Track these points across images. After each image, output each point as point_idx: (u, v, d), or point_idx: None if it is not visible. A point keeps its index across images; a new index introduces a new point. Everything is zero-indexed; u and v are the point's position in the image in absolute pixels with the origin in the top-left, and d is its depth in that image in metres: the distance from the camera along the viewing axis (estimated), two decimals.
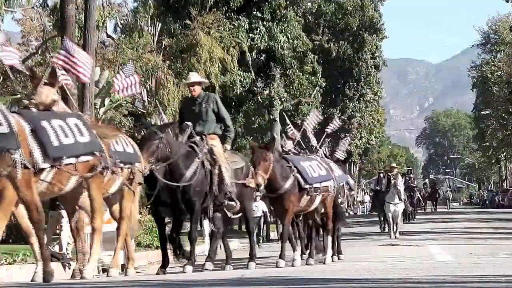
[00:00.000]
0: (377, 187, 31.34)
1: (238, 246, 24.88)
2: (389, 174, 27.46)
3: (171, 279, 11.07)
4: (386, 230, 29.72)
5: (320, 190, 14.48)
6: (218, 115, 13.39)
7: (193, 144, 12.74)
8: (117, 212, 12.12)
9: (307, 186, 14.10)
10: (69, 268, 14.48)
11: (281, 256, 13.64)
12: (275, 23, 36.88)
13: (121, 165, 11.26)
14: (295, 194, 13.96)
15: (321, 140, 20.78)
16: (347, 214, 20.48)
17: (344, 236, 17.90)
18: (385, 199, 26.63)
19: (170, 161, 12.23)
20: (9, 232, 21.02)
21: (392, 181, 26.27)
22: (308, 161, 14.82)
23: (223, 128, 13.54)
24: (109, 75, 31.62)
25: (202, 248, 21.80)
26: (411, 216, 38.30)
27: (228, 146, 13.52)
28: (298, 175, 14.03)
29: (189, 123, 12.93)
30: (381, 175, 31.42)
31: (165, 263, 12.98)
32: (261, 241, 27.24)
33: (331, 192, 14.89)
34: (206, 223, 20.97)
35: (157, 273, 12.70)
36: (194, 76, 13.66)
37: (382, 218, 30.68)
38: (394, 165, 31.04)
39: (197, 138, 12.85)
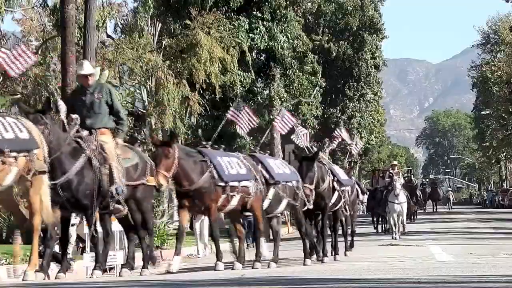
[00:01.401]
0: (371, 187, 31.13)
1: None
2: (391, 172, 26.92)
3: (171, 279, 11.07)
4: (380, 230, 29.67)
5: (238, 190, 13.32)
6: (111, 108, 12.20)
7: (79, 139, 11.53)
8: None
9: (222, 184, 13.07)
10: (69, 268, 14.46)
11: (218, 258, 12.94)
12: (275, 23, 36.87)
13: (13, 154, 10.33)
14: (212, 190, 12.97)
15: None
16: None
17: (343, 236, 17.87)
18: (387, 198, 25.94)
19: (52, 156, 11.10)
20: (9, 232, 21.03)
21: (393, 180, 25.63)
22: (228, 157, 13.71)
23: (116, 121, 12.30)
24: (109, 75, 31.63)
25: (193, 248, 21.76)
26: (413, 216, 38.21)
27: (120, 140, 12.25)
28: (214, 172, 13.00)
29: (76, 116, 11.75)
30: (379, 174, 31.26)
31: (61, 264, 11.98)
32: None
33: (252, 194, 13.60)
34: (197, 225, 20.95)
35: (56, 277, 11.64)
36: (87, 67, 12.40)
37: (376, 218, 30.51)
38: (395, 162, 30.62)
39: (85, 132, 11.68)
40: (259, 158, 14.51)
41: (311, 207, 15.14)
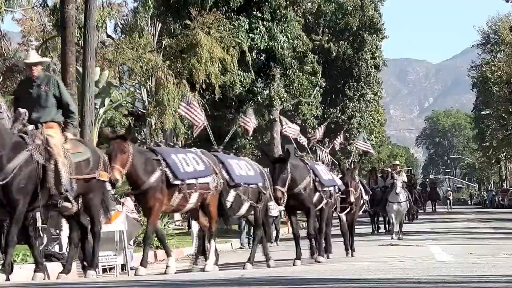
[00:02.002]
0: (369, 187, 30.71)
1: (238, 246, 24.88)
2: (392, 172, 26.39)
3: (171, 279, 11.06)
4: (382, 230, 29.54)
5: (197, 187, 12.82)
6: (60, 100, 11.56)
7: (23, 134, 10.91)
8: None
9: (177, 182, 12.54)
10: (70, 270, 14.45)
11: (142, 263, 12.34)
12: (275, 23, 36.87)
13: None
14: (162, 190, 12.40)
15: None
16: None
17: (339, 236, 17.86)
18: (387, 198, 25.41)
19: None
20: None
21: (394, 180, 25.11)
22: (184, 153, 13.11)
23: (65, 114, 11.64)
24: (109, 75, 31.64)
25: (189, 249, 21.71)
26: (414, 216, 38.11)
27: (70, 135, 11.58)
28: (167, 170, 12.45)
29: (24, 110, 11.13)
30: (376, 174, 31.01)
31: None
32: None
33: (212, 190, 13.11)
34: (194, 224, 20.60)
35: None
36: (33, 55, 11.86)
37: (373, 218, 30.25)
38: (397, 162, 29.96)
39: (30, 127, 11.02)
40: (221, 158, 13.96)
41: (282, 208, 15.22)
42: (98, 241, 11.95)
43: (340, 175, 18.15)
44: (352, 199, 17.31)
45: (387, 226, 28.69)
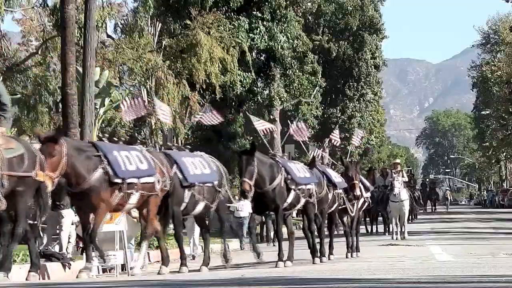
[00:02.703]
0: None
1: (238, 246, 24.81)
2: (393, 171, 25.69)
3: (171, 279, 11.06)
4: (381, 230, 29.40)
5: (138, 187, 12.24)
6: None
7: None
8: None
9: (117, 180, 11.96)
10: (69, 268, 14.47)
11: (86, 267, 12.05)
12: (275, 23, 36.86)
13: None
14: (105, 189, 11.82)
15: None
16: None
17: (343, 236, 17.82)
18: (388, 197, 25.10)
19: None
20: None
21: (392, 179, 24.73)
22: (127, 151, 12.47)
23: None
24: (109, 75, 31.66)
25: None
26: (414, 216, 38.07)
27: (2, 129, 11.14)
28: (108, 168, 11.88)
29: None
30: (374, 173, 30.76)
31: None
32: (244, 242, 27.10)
33: (156, 192, 12.57)
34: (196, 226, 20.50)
35: None
36: None
37: (371, 219, 29.94)
38: (398, 161, 29.08)
39: None
40: (174, 157, 13.37)
41: (248, 200, 14.28)
42: (16, 244, 11.39)
43: (341, 172, 17.66)
44: (358, 192, 16.81)
45: (385, 226, 28.55)
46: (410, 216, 35.15)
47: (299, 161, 18.34)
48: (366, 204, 19.20)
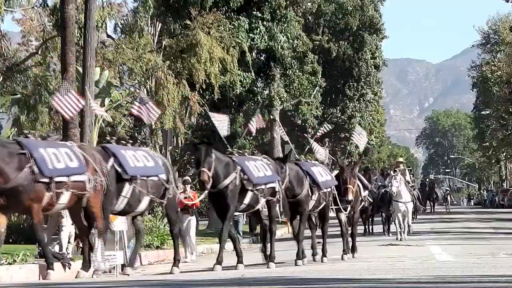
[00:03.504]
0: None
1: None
2: (395, 169, 25.21)
3: (171, 279, 11.06)
4: (378, 230, 29.19)
5: (68, 186, 11.72)
6: None
7: None
8: None
9: (44, 180, 11.43)
10: (69, 268, 14.48)
11: (48, 264, 12.00)
12: (275, 23, 36.84)
13: None
14: (32, 188, 11.32)
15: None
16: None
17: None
18: (391, 197, 24.51)
19: None
20: (9, 232, 21.04)
21: (393, 178, 23.98)
22: (55, 148, 11.88)
23: None
24: (109, 75, 31.65)
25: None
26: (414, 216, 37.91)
27: None
28: (35, 166, 11.33)
29: None
30: (371, 174, 30.42)
31: None
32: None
33: (89, 190, 11.92)
34: (194, 222, 20.37)
35: None
36: None
37: (366, 219, 29.40)
38: (401, 159, 28.49)
39: None
40: (112, 150, 12.78)
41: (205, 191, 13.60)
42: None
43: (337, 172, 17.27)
44: (350, 197, 16.14)
45: (384, 226, 28.25)
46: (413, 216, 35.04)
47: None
48: (363, 203, 18.71)
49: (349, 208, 16.70)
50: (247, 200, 14.11)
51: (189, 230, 20.13)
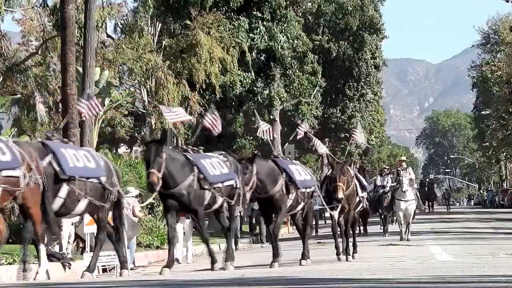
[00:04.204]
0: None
1: (238, 246, 24.85)
2: (398, 169, 24.42)
3: (171, 279, 11.06)
4: (375, 230, 28.94)
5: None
6: None
7: None
8: None
9: None
10: (69, 268, 14.48)
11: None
12: (275, 23, 36.86)
13: None
14: None
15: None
16: None
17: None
18: (394, 196, 24.00)
19: None
20: (9, 232, 21.04)
21: (400, 176, 23.29)
22: None
23: None
24: (109, 75, 31.66)
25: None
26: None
27: None
28: None
29: None
30: (365, 173, 30.00)
31: None
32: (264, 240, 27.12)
33: (23, 187, 11.09)
34: (179, 225, 19.85)
35: None
36: None
37: (364, 220, 28.82)
38: (403, 158, 27.45)
39: None
40: (52, 147, 12.00)
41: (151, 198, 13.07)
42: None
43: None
44: (339, 195, 15.40)
45: (383, 226, 27.93)
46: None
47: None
48: (362, 204, 17.64)
49: (339, 207, 15.91)
50: (206, 200, 13.55)
51: (187, 233, 19.99)
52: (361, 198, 17.29)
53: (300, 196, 15.18)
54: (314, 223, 30.24)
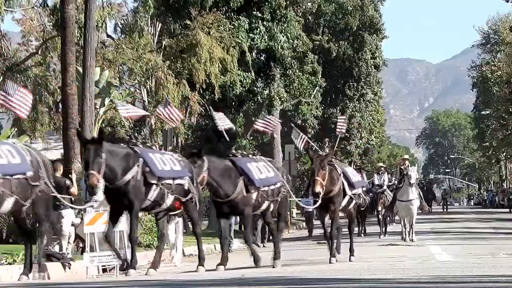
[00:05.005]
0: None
1: (238, 246, 24.86)
2: (401, 167, 23.62)
3: (171, 279, 11.06)
4: (373, 231, 28.74)
5: None
6: None
7: None
8: None
9: None
10: (69, 268, 14.48)
11: None
12: (275, 23, 36.85)
13: None
14: None
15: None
16: None
17: (342, 236, 17.74)
18: (396, 196, 23.20)
19: None
20: (9, 232, 21.04)
21: (407, 172, 22.41)
22: None
23: None
24: (109, 75, 31.67)
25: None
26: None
27: None
28: None
29: None
30: (363, 172, 29.74)
31: None
32: (260, 240, 27.11)
33: None
34: (172, 227, 19.52)
35: None
36: None
37: (361, 220, 28.43)
38: (406, 156, 26.33)
39: None
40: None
41: (100, 198, 12.67)
42: None
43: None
44: (316, 189, 14.42)
45: (381, 228, 27.69)
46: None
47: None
48: (353, 203, 16.35)
49: (318, 202, 14.82)
50: (151, 195, 12.90)
51: (177, 233, 19.61)
52: (352, 196, 16.08)
53: (263, 195, 14.51)
54: (309, 223, 30.27)
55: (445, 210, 65.97)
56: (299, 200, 19.87)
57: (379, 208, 27.34)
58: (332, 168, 15.21)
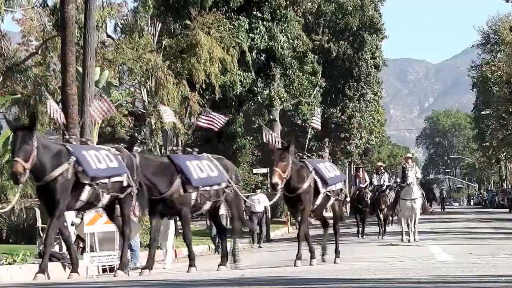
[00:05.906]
0: (360, 185, 28.23)
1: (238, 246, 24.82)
2: (404, 166, 23.30)
3: (171, 279, 11.06)
4: (372, 231, 28.60)
5: None
6: None
7: None
8: None
9: None
10: (69, 268, 14.48)
11: None
12: (275, 23, 36.87)
13: None
14: None
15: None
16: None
17: (343, 236, 17.75)
18: (399, 195, 22.92)
19: None
20: (9, 232, 21.05)
21: (407, 171, 22.22)
22: None
23: None
24: (109, 75, 31.65)
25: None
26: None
27: None
28: None
29: None
30: (363, 172, 29.67)
31: None
32: (261, 241, 27.11)
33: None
34: (172, 226, 18.86)
35: None
36: None
37: (360, 221, 28.25)
38: (409, 155, 26.08)
39: None
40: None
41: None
42: None
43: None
44: (274, 180, 13.73)
45: (380, 229, 27.56)
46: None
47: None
48: (333, 200, 15.40)
49: (277, 195, 14.35)
50: (84, 196, 12.09)
51: (167, 234, 19.36)
52: (328, 193, 15.09)
53: (203, 195, 13.76)
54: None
55: (442, 209, 66.00)
56: (246, 198, 19.26)
57: (382, 207, 27.17)
58: (302, 165, 14.57)
